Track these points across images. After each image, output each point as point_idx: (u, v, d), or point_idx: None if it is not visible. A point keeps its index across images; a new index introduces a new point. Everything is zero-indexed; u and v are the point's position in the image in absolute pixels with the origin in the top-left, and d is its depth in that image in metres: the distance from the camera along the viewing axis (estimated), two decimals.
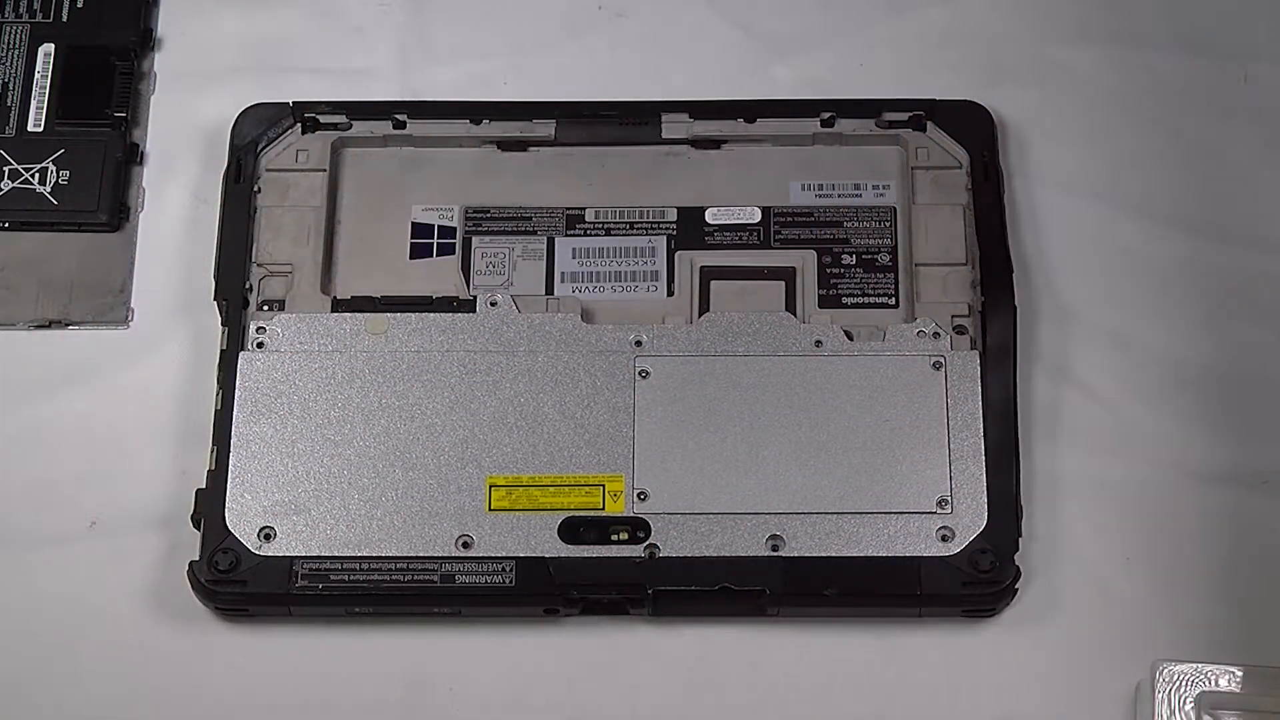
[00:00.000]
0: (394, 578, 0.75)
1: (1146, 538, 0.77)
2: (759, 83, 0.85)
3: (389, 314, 0.79)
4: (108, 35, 0.85)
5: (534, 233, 0.82)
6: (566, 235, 0.82)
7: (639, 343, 0.79)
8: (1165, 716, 0.71)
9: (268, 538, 0.75)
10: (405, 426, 0.77)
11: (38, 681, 0.75)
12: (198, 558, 0.75)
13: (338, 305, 0.80)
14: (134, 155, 0.84)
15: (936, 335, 0.79)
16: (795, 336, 0.79)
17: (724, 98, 0.83)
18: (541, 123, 0.83)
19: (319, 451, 0.77)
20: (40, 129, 0.83)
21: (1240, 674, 0.72)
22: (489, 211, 0.82)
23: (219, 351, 0.79)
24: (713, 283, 0.81)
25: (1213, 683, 0.71)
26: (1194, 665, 0.72)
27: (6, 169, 0.83)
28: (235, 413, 0.77)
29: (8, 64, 0.85)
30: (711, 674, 0.76)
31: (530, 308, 0.80)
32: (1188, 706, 0.71)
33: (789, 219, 0.82)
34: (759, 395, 0.77)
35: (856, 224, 0.82)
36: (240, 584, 0.75)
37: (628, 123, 0.83)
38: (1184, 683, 0.71)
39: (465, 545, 0.75)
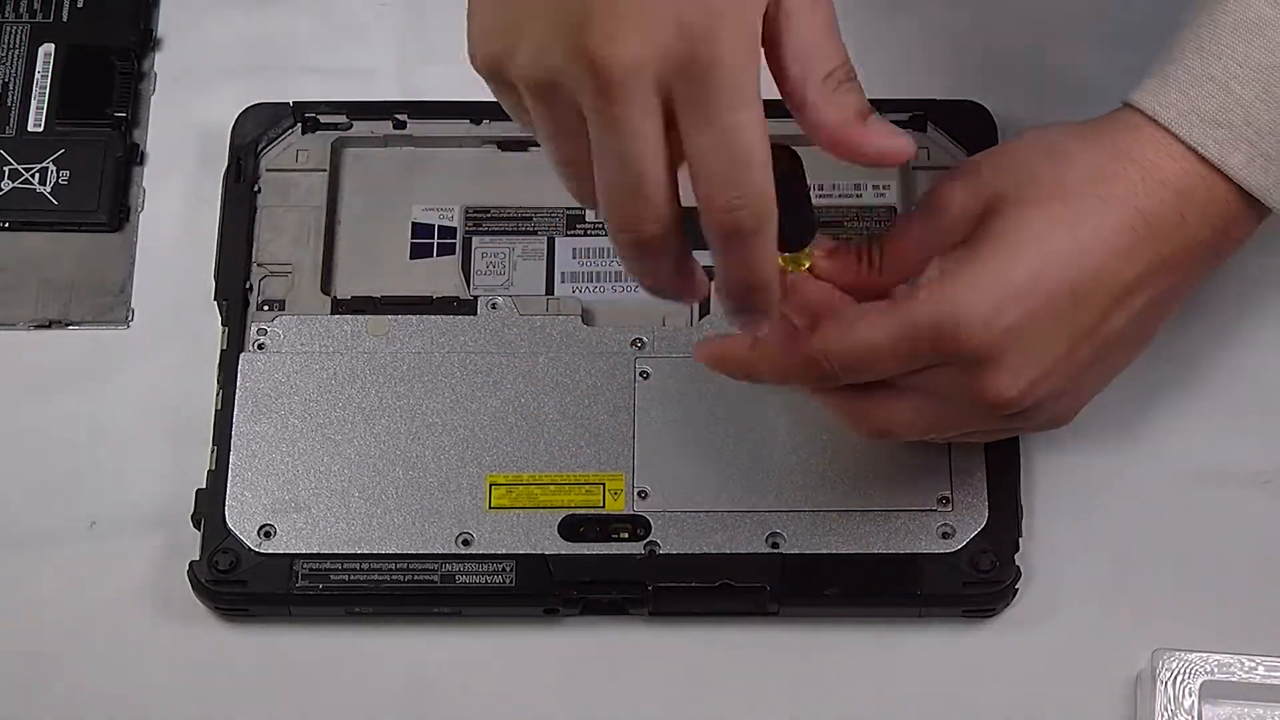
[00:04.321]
0: (394, 577, 0.75)
1: (1146, 538, 0.77)
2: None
3: (390, 316, 0.79)
4: (108, 35, 0.85)
5: (534, 233, 0.82)
6: (567, 235, 0.82)
7: (639, 344, 0.79)
8: (1166, 704, 0.71)
9: (267, 535, 0.75)
10: (406, 425, 0.77)
11: (38, 682, 0.75)
12: (198, 558, 0.75)
13: (338, 305, 0.80)
14: (134, 155, 0.84)
15: None
16: None
17: None
18: None
19: (319, 450, 0.77)
20: (40, 129, 0.83)
21: (1243, 661, 0.71)
22: (489, 211, 0.82)
23: (219, 352, 0.79)
24: (713, 282, 0.80)
25: (1214, 671, 0.71)
26: (1198, 654, 0.71)
27: (6, 169, 0.83)
28: (235, 413, 0.77)
29: (8, 64, 0.85)
30: (711, 674, 0.75)
31: (531, 309, 0.80)
32: (1190, 697, 0.71)
33: None
34: (759, 395, 0.77)
35: (856, 224, 0.82)
36: (240, 584, 0.75)
37: None
38: (1186, 671, 0.71)
39: (465, 543, 0.75)
